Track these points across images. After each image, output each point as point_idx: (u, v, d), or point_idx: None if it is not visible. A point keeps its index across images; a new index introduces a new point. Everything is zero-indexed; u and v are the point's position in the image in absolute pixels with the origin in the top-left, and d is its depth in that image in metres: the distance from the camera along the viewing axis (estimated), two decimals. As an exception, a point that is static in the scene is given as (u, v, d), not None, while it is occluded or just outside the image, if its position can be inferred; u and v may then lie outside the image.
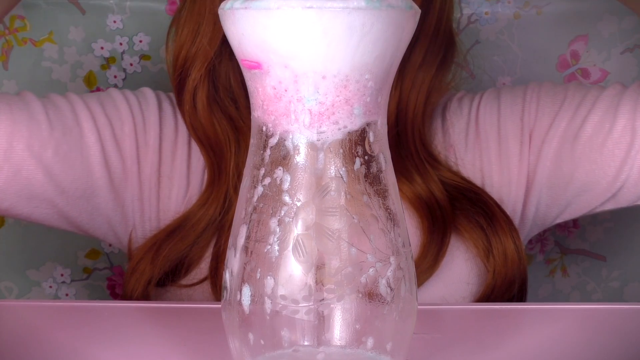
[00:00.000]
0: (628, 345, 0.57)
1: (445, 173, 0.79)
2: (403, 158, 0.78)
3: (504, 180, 0.82)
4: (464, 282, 0.80)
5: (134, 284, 0.76)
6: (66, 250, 1.06)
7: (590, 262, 1.12)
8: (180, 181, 0.79)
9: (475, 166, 0.82)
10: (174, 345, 0.55)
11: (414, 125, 0.78)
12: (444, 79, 0.81)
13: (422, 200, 0.77)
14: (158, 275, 0.75)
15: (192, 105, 0.76)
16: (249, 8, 0.40)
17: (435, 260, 0.76)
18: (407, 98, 0.77)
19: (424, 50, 0.76)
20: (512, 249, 0.78)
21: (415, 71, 0.77)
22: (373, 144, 0.43)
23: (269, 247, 0.42)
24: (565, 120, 0.79)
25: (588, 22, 1.05)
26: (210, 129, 0.77)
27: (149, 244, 0.76)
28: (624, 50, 1.05)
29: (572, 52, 1.06)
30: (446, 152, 0.82)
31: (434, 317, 0.62)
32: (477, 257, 0.79)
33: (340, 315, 0.42)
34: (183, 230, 0.76)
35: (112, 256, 1.07)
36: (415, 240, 0.78)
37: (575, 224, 1.11)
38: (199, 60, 0.75)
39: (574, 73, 1.06)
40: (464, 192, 0.79)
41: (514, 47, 1.06)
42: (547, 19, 1.06)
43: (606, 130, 0.76)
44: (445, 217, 0.77)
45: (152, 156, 0.78)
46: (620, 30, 1.05)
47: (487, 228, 0.78)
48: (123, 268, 1.08)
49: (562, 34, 1.06)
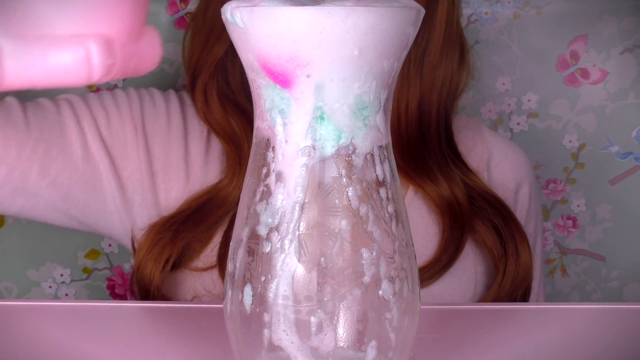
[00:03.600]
0: (628, 345, 0.57)
1: (468, 174, 0.82)
2: (426, 158, 0.80)
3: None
4: (473, 281, 0.81)
5: (152, 267, 0.77)
6: (66, 250, 1.06)
7: (589, 262, 1.12)
8: (178, 174, 0.81)
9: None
10: (174, 345, 0.55)
11: (438, 124, 0.80)
12: (462, 77, 0.82)
13: (444, 199, 0.80)
14: (176, 255, 0.77)
15: (204, 102, 0.80)
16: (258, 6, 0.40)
17: (454, 257, 0.79)
18: (429, 98, 0.79)
19: (438, 51, 0.78)
20: (526, 252, 0.80)
21: (434, 72, 0.79)
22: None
23: (270, 246, 0.42)
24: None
25: (588, 22, 1.05)
26: (225, 124, 0.80)
27: (167, 224, 0.78)
28: (624, 50, 1.05)
29: (572, 52, 1.06)
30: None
31: (434, 317, 0.62)
32: (489, 257, 0.81)
33: (342, 316, 0.42)
34: (201, 214, 0.78)
35: (112, 256, 1.07)
36: (434, 238, 0.81)
37: (575, 224, 1.11)
38: (210, 60, 0.79)
39: (574, 73, 1.07)
40: (482, 194, 0.82)
41: (513, 47, 1.06)
42: (546, 19, 1.06)
43: None
44: (464, 215, 0.80)
45: (141, 152, 0.80)
46: (619, 31, 1.05)
47: (502, 229, 0.80)
48: (123, 268, 1.08)
49: (562, 34, 1.06)
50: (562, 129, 1.09)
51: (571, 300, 1.12)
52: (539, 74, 1.07)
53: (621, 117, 1.08)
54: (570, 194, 1.11)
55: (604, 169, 1.10)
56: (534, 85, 1.08)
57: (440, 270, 0.79)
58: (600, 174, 1.10)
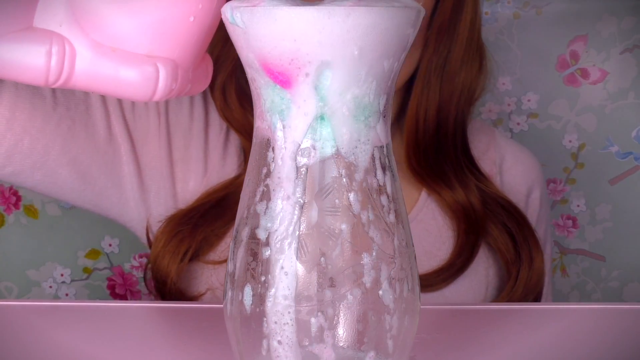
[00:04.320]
0: (627, 345, 0.57)
1: (482, 179, 0.83)
2: (442, 164, 0.81)
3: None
4: (484, 284, 0.81)
5: (169, 260, 0.77)
6: (66, 250, 1.06)
7: (589, 262, 1.12)
8: (197, 165, 0.81)
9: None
10: (174, 345, 0.55)
11: (455, 131, 0.81)
12: (479, 84, 0.83)
13: (459, 204, 0.81)
14: (194, 249, 0.77)
15: (222, 100, 0.81)
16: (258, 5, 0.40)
17: (468, 261, 0.80)
18: (448, 106, 0.80)
19: (459, 59, 0.79)
20: (540, 257, 0.81)
21: (454, 79, 0.80)
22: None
23: (270, 246, 0.42)
24: None
25: (587, 22, 1.05)
26: (244, 121, 0.81)
27: (186, 217, 0.78)
28: (623, 50, 1.05)
29: (572, 52, 1.06)
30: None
31: (434, 317, 0.62)
32: (502, 260, 0.81)
33: (342, 316, 0.42)
34: (220, 209, 0.78)
35: (112, 256, 1.07)
36: (447, 241, 0.81)
37: (575, 224, 1.11)
38: (229, 59, 0.80)
39: (574, 73, 1.07)
40: (497, 199, 0.83)
41: (513, 47, 1.06)
42: (546, 19, 1.06)
43: None
44: (479, 220, 0.81)
45: (162, 140, 0.80)
46: (619, 31, 1.05)
47: (516, 234, 0.81)
48: (123, 268, 1.08)
49: (562, 34, 1.06)
50: (562, 129, 1.09)
51: (571, 300, 1.12)
52: (539, 74, 1.07)
53: (621, 117, 1.08)
54: (570, 194, 1.11)
55: (604, 169, 1.10)
56: (534, 85, 1.08)
57: (455, 274, 0.79)
58: (600, 174, 1.10)
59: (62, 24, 0.43)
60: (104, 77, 0.43)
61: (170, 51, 0.44)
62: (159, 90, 0.44)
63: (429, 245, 0.81)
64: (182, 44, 0.45)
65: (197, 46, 0.46)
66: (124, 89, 0.44)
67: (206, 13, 0.45)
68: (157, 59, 0.44)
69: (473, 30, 0.80)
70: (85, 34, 0.43)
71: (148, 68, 0.43)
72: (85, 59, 0.43)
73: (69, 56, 0.43)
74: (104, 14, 0.43)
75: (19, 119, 0.72)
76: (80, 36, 0.43)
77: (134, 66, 0.43)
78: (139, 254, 1.09)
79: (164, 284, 0.78)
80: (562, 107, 1.08)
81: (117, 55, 0.43)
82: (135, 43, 0.43)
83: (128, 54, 0.43)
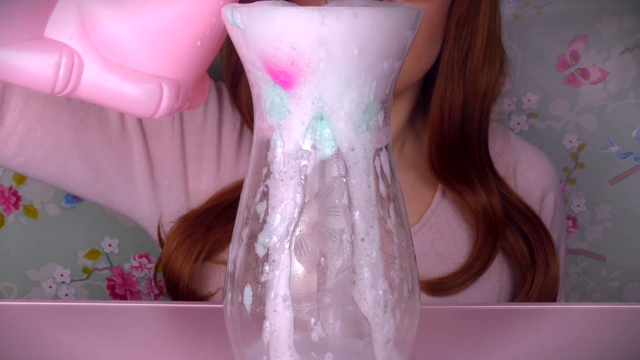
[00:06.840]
0: (628, 345, 0.57)
1: (499, 182, 0.83)
2: (465, 162, 0.81)
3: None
4: (497, 288, 0.81)
5: (182, 261, 0.77)
6: (66, 250, 1.06)
7: (589, 262, 1.12)
8: (210, 164, 0.81)
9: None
10: (174, 345, 0.55)
11: (480, 131, 0.81)
12: (501, 85, 0.83)
13: (480, 206, 0.80)
14: (207, 250, 0.77)
15: (249, 98, 0.80)
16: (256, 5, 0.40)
17: (486, 265, 0.80)
18: (473, 103, 0.80)
19: (481, 55, 0.78)
20: (555, 264, 0.80)
21: (477, 76, 0.79)
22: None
23: (271, 247, 0.42)
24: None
25: (588, 22, 1.05)
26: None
27: (199, 218, 0.78)
28: (624, 50, 1.05)
29: (572, 52, 1.06)
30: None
31: (435, 317, 0.62)
32: (517, 265, 0.81)
33: (342, 316, 0.42)
34: (233, 211, 0.78)
35: (112, 256, 1.07)
36: (462, 243, 0.81)
37: (575, 224, 1.11)
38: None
39: (574, 73, 1.07)
40: (515, 202, 0.82)
41: (513, 47, 1.06)
42: (547, 19, 1.06)
43: None
44: (498, 223, 0.80)
45: (176, 137, 0.80)
46: (619, 31, 1.05)
47: (532, 239, 0.80)
48: (123, 268, 1.08)
49: (562, 34, 1.06)
50: (562, 129, 1.09)
51: (571, 300, 1.12)
52: (539, 74, 1.07)
53: (621, 117, 1.08)
54: (570, 194, 1.11)
55: (604, 169, 1.10)
56: (534, 85, 1.08)
57: (472, 277, 0.79)
58: (600, 174, 1.10)
59: (72, 37, 0.44)
60: (108, 91, 0.44)
61: (175, 72, 0.46)
62: (161, 109, 0.45)
63: (442, 249, 0.81)
64: (187, 65, 0.46)
65: (200, 68, 0.47)
66: (127, 105, 0.45)
67: (212, 38, 0.46)
68: (161, 79, 0.45)
69: (493, 25, 0.79)
70: (94, 49, 0.44)
71: (152, 87, 0.44)
72: (93, 72, 0.44)
73: (76, 69, 0.44)
74: (114, 32, 0.44)
75: (32, 108, 0.72)
76: (90, 50, 0.44)
77: (139, 84, 0.44)
78: (138, 254, 1.09)
79: (176, 285, 0.77)
80: (562, 107, 1.08)
81: (124, 72, 0.44)
82: (142, 62, 0.45)
83: (134, 72, 0.45)
